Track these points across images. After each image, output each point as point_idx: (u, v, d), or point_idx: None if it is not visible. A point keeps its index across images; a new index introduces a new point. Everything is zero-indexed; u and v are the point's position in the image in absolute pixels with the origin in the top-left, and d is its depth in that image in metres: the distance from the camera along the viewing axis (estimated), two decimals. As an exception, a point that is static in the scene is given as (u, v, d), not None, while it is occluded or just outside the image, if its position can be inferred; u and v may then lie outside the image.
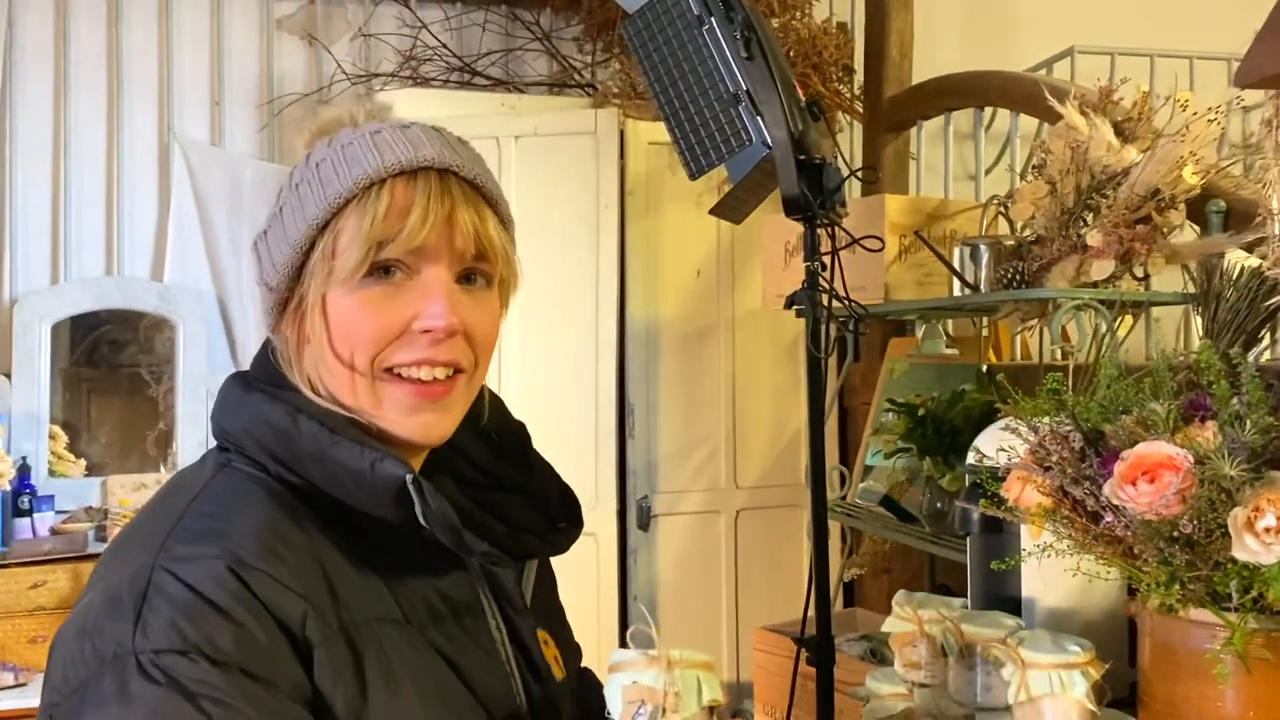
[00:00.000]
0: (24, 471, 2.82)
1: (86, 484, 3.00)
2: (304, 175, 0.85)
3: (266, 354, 0.88)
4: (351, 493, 0.80)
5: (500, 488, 0.96)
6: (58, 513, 2.86)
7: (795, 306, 1.71)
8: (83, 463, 3.06)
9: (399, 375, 0.83)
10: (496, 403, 1.00)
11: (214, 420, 0.86)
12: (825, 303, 1.65)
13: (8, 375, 2.93)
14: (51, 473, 2.97)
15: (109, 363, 3.15)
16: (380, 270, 0.82)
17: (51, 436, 3.00)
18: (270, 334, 0.88)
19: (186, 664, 0.68)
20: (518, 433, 1.01)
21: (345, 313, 0.82)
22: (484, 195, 0.86)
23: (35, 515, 2.81)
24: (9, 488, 2.64)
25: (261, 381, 0.86)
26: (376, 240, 0.80)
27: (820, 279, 1.67)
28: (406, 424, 0.83)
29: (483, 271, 0.86)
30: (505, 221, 0.89)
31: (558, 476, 1.01)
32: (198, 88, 3.24)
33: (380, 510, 0.80)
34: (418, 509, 0.78)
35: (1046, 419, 1.14)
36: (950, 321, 2.60)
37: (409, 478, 0.78)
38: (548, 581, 1.04)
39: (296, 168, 0.87)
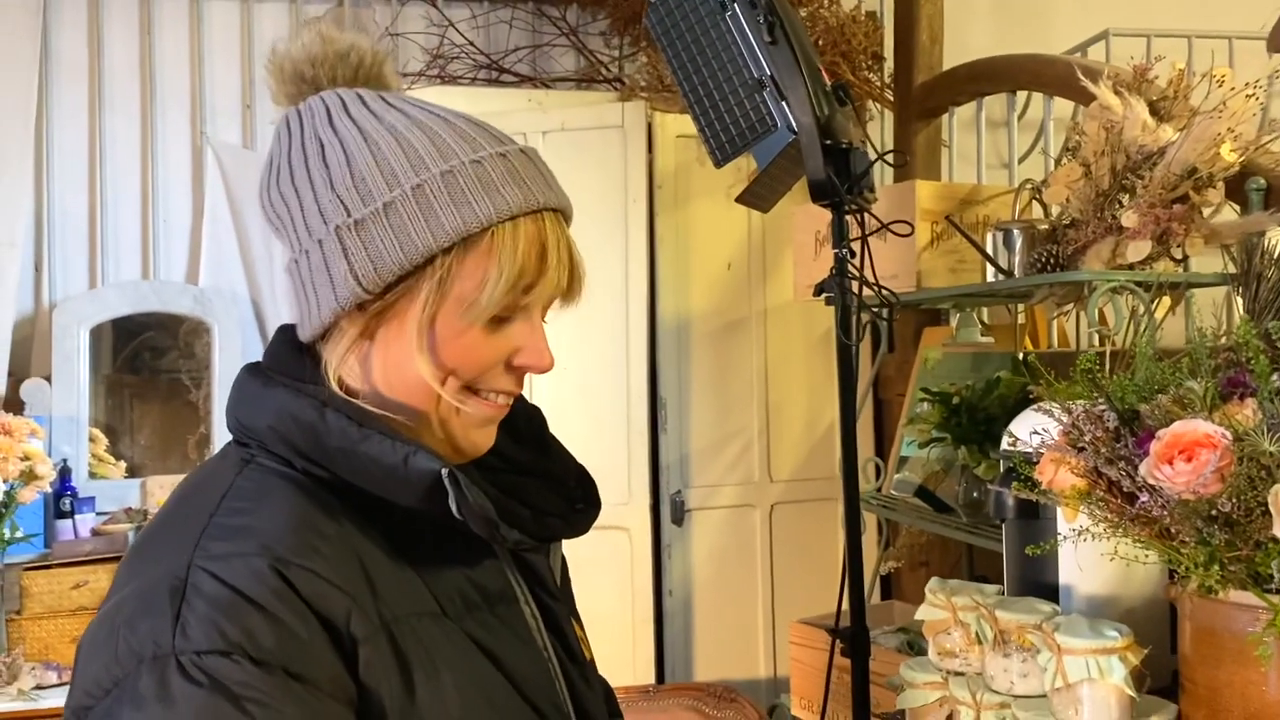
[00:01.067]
0: (65, 474, 2.86)
1: (127, 485, 3.04)
2: (427, 180, 0.78)
3: (283, 344, 0.85)
4: (383, 485, 0.78)
5: (520, 471, 0.95)
6: (98, 514, 2.90)
7: (825, 294, 1.69)
8: (123, 465, 3.10)
9: (477, 392, 0.83)
10: None
11: (231, 415, 0.84)
12: (855, 289, 1.63)
13: (48, 379, 2.97)
14: (92, 475, 3.01)
15: (150, 368, 3.19)
16: None
17: (92, 439, 3.04)
18: (317, 318, 0.81)
19: (230, 665, 0.67)
20: (534, 416, 1.00)
21: (456, 336, 0.80)
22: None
23: (77, 517, 2.85)
24: (50, 490, 2.67)
25: (280, 374, 0.83)
26: (525, 285, 0.80)
27: (849, 266, 1.65)
28: (480, 434, 0.85)
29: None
30: None
31: (574, 458, 1.00)
32: (229, 92, 3.27)
33: (411, 502, 0.78)
34: (452, 501, 0.77)
35: (1081, 401, 1.12)
36: (985, 310, 2.56)
37: (445, 471, 0.77)
38: (564, 569, 1.04)
39: (410, 152, 0.79)
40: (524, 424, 0.98)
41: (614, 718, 1.07)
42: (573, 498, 0.97)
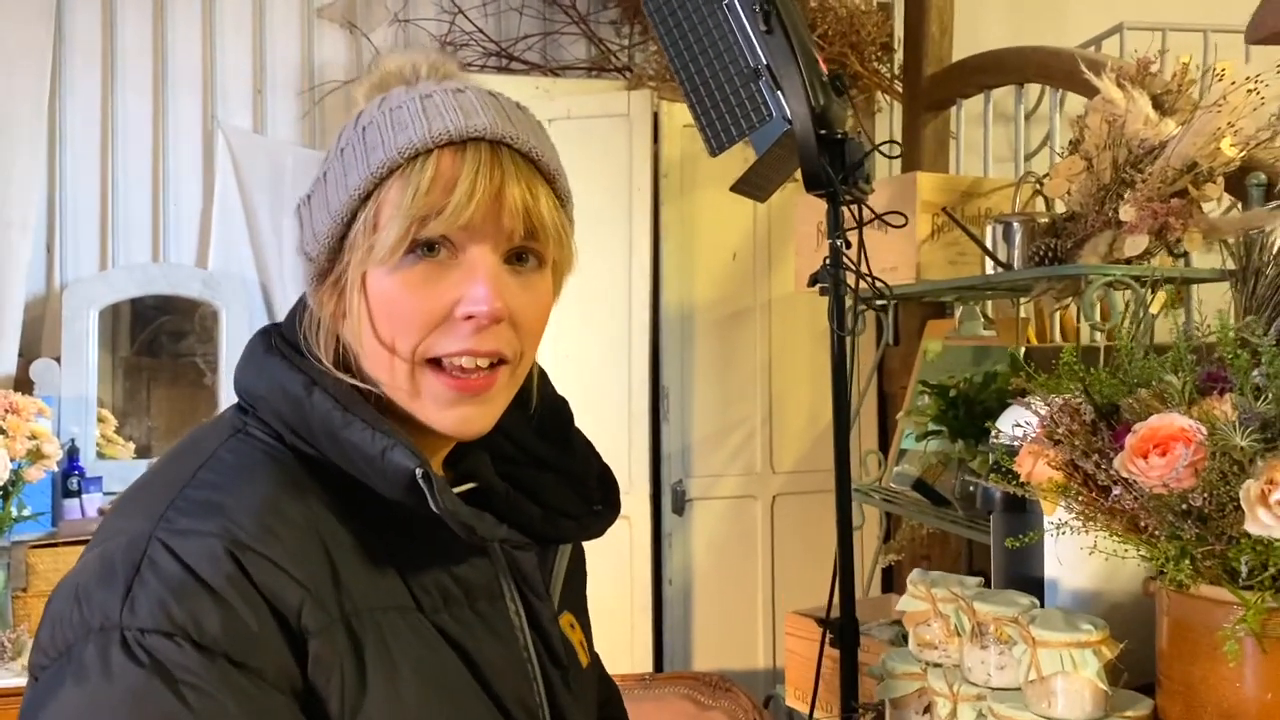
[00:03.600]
0: (73, 454, 2.88)
1: (134, 466, 3.06)
2: (350, 139, 0.80)
3: (297, 313, 0.84)
4: (366, 474, 0.77)
5: (539, 466, 0.93)
6: (106, 494, 2.93)
7: (818, 284, 1.69)
8: (131, 445, 3.13)
9: (440, 365, 0.79)
10: (543, 379, 0.96)
11: (235, 377, 0.84)
12: (850, 280, 1.63)
13: (58, 360, 3.00)
14: (100, 455, 3.04)
15: (169, 352, 3.21)
16: (424, 248, 0.77)
17: (101, 420, 3.07)
18: (309, 298, 0.83)
19: (171, 647, 0.67)
20: (561, 410, 0.97)
21: (386, 293, 0.77)
22: (540, 169, 0.80)
23: (84, 496, 2.88)
24: (57, 469, 2.70)
25: (284, 343, 0.82)
26: (419, 216, 0.75)
27: (844, 256, 1.65)
28: (444, 417, 0.80)
29: (534, 251, 0.81)
30: (562, 198, 0.83)
31: (599, 457, 0.97)
32: (240, 77, 3.29)
33: (393, 494, 0.76)
34: (431, 500, 0.75)
35: (1061, 395, 1.11)
36: (990, 303, 2.55)
37: (419, 472, 0.75)
38: (579, 568, 1.01)
39: (345, 128, 0.82)
40: (551, 418, 0.96)
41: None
42: (591, 499, 0.95)
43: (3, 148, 3.02)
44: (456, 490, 0.83)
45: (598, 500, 0.95)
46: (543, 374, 0.96)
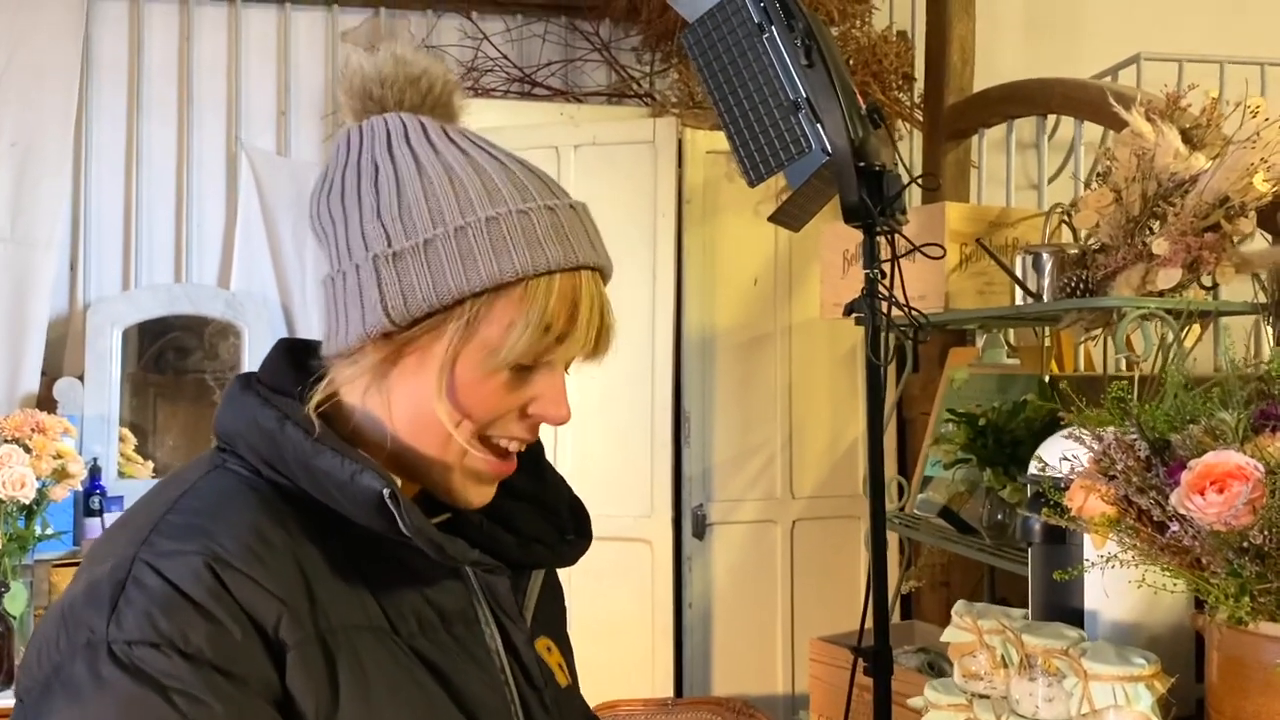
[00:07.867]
0: (95, 473, 2.89)
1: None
2: (468, 221, 0.79)
3: (275, 355, 0.87)
4: (338, 501, 0.79)
5: (513, 495, 0.96)
6: (126, 513, 2.93)
7: (855, 314, 1.70)
8: (150, 465, 3.13)
9: (488, 440, 0.84)
10: None
11: (215, 418, 0.86)
12: (885, 310, 1.65)
13: (80, 379, 3.01)
14: (121, 474, 3.05)
15: (175, 369, 3.22)
16: None
17: (121, 439, 3.08)
18: (344, 339, 0.82)
19: (158, 656, 0.69)
20: (533, 443, 0.99)
21: (475, 380, 0.81)
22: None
23: (105, 515, 2.88)
24: (80, 488, 2.71)
25: (261, 384, 0.85)
26: (551, 340, 0.81)
27: (880, 286, 1.66)
28: (475, 493, 0.85)
29: None
30: None
31: (569, 488, 1.02)
32: (264, 99, 3.31)
33: (365, 519, 0.79)
34: (400, 521, 0.78)
35: (1111, 428, 1.12)
36: (1012, 332, 2.57)
37: (386, 492, 0.77)
38: (554, 593, 1.04)
39: (447, 188, 0.80)
40: (524, 450, 0.97)
41: None
42: (564, 528, 0.98)
43: (29, 166, 3.05)
44: (433, 521, 0.85)
45: (570, 529, 0.98)
46: None
